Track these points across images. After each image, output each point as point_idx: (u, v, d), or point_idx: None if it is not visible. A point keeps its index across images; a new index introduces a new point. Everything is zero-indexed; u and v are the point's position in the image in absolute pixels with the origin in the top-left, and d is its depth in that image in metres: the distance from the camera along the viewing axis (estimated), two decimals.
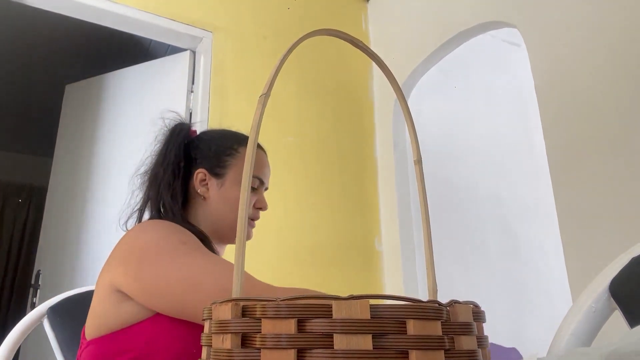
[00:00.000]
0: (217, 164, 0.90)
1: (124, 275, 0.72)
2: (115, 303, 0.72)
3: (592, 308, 0.57)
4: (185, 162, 0.91)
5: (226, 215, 0.88)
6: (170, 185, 0.87)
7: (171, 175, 0.88)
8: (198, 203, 0.89)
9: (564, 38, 1.69)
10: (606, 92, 1.53)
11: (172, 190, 0.87)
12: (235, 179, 0.89)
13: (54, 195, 2.47)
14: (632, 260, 0.57)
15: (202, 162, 0.90)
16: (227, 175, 0.89)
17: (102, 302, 0.74)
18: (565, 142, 1.63)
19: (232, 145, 0.92)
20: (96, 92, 2.47)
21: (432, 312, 0.32)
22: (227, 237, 0.90)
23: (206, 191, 0.89)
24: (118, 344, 0.71)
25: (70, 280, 2.15)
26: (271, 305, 0.32)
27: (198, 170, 0.89)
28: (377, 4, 2.76)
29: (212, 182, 0.89)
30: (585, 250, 1.49)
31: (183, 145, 0.92)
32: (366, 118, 2.58)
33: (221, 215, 0.88)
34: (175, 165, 0.89)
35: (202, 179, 0.89)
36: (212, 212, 0.88)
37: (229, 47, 2.26)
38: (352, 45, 0.51)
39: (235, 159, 0.90)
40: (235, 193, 0.88)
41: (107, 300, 0.73)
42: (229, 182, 0.89)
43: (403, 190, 2.39)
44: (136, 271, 0.71)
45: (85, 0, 1.97)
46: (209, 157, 0.91)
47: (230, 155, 0.91)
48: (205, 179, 0.89)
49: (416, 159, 0.51)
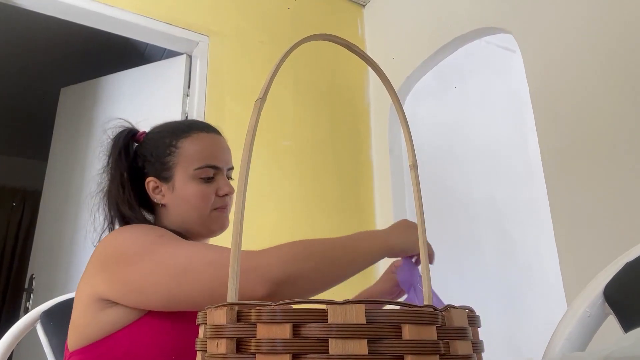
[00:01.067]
0: (161, 168, 0.85)
1: (106, 281, 0.70)
2: (95, 313, 0.71)
3: (586, 313, 0.57)
4: (134, 172, 0.87)
5: (189, 214, 0.84)
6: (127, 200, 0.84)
7: (121, 189, 0.84)
8: (161, 211, 0.86)
9: (558, 44, 1.70)
10: (600, 97, 1.54)
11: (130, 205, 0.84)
12: (184, 175, 0.84)
13: (48, 199, 2.45)
14: (626, 265, 0.58)
15: (149, 170, 0.86)
16: (175, 176, 0.84)
17: (82, 313, 0.73)
18: (560, 147, 1.64)
19: (170, 143, 0.86)
20: (91, 95, 2.46)
21: (427, 317, 0.32)
22: (199, 233, 0.86)
23: (162, 198, 0.85)
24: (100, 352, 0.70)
25: (64, 285, 2.14)
26: (266, 310, 0.32)
27: (147, 180, 0.85)
28: (373, 10, 2.77)
29: (164, 187, 0.85)
30: (580, 254, 1.49)
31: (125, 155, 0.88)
32: (362, 123, 2.59)
33: (184, 216, 0.84)
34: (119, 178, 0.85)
35: (155, 187, 0.85)
36: (175, 216, 0.85)
37: (226, 51, 2.26)
38: (348, 50, 0.51)
39: (176, 157, 0.85)
40: (189, 190, 0.83)
41: (87, 311, 0.72)
42: (179, 182, 0.84)
43: (399, 195, 2.40)
44: (117, 274, 0.69)
45: (81, 4, 1.97)
46: (152, 163, 0.86)
47: (171, 154, 0.85)
48: (158, 185, 0.85)
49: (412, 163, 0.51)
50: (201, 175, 0.84)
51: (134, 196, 0.85)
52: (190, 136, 0.86)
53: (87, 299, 0.72)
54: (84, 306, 0.73)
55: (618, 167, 1.46)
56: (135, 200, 0.85)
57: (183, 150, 0.85)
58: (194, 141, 0.86)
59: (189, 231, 0.85)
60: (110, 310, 0.71)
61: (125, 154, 0.88)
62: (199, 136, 0.87)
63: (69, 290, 0.99)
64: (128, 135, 0.90)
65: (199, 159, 0.84)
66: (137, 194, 0.86)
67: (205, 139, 0.87)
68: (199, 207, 0.83)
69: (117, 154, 0.87)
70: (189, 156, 0.85)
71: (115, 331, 0.70)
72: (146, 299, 0.68)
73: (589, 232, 1.49)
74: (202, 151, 0.85)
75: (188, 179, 0.84)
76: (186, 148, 0.85)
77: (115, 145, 0.88)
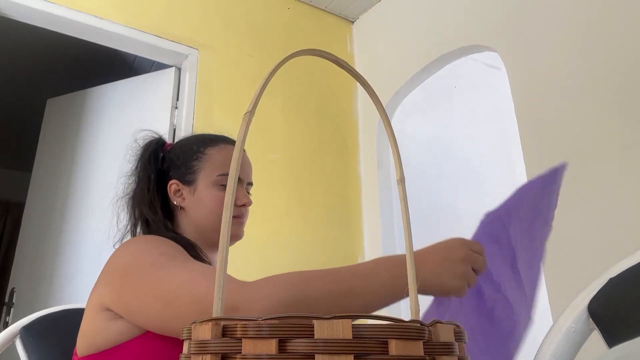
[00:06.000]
0: (186, 172, 0.89)
1: (109, 294, 0.72)
2: (104, 322, 0.72)
3: (571, 328, 0.57)
4: (160, 176, 0.90)
5: (207, 218, 0.86)
6: (150, 202, 0.87)
7: (146, 191, 0.87)
8: (180, 215, 0.89)
9: (542, 62, 1.74)
10: (584, 114, 1.57)
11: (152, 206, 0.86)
12: (206, 181, 0.87)
13: (32, 211, 2.41)
14: (609, 281, 0.58)
15: (173, 174, 0.90)
16: (198, 180, 0.88)
17: (91, 321, 0.73)
18: (545, 164, 1.65)
19: (198, 149, 0.91)
20: (78, 107, 2.44)
21: (414, 332, 0.32)
22: (214, 240, 0.87)
23: (182, 201, 0.88)
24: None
25: (46, 299, 2.09)
26: (252, 325, 0.32)
27: (170, 182, 0.89)
28: (362, 26, 2.81)
29: (186, 190, 0.88)
30: (565, 269, 1.51)
31: (154, 160, 0.91)
32: (350, 137, 2.60)
33: (202, 220, 0.86)
34: (146, 180, 0.89)
35: (176, 190, 0.89)
36: (193, 220, 0.87)
37: (215, 64, 2.27)
38: (337, 65, 0.52)
39: (202, 162, 0.89)
40: (209, 195, 0.86)
41: (96, 320, 0.72)
42: (201, 186, 0.87)
43: (386, 209, 2.40)
44: (119, 290, 0.70)
45: (70, 15, 1.96)
46: (178, 167, 0.90)
47: (197, 159, 0.89)
48: (179, 189, 0.88)
49: (399, 178, 0.51)
50: (223, 182, 0.86)
51: (157, 199, 0.88)
52: (218, 145, 0.91)
53: (96, 308, 0.73)
54: (93, 314, 0.73)
55: (602, 184, 1.48)
56: (157, 202, 0.87)
57: (209, 157, 0.89)
58: (220, 150, 0.90)
59: (205, 238, 0.86)
60: (118, 321, 0.71)
61: (154, 159, 0.92)
62: (225, 147, 0.91)
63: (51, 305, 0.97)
64: (159, 142, 0.94)
65: (223, 166, 0.88)
66: (160, 197, 0.89)
67: (231, 150, 0.90)
68: (216, 212, 0.85)
69: (146, 158, 0.91)
70: (214, 163, 0.88)
71: (122, 342, 0.70)
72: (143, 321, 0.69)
73: (574, 247, 1.50)
74: (227, 160, 0.89)
75: (210, 184, 0.87)
76: (212, 155, 0.89)
77: (145, 150, 0.92)
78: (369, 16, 2.76)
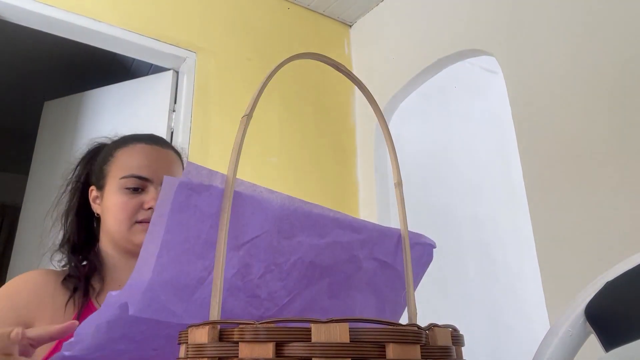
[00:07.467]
0: (100, 176, 0.83)
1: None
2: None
3: (568, 332, 0.57)
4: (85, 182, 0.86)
5: (111, 225, 0.80)
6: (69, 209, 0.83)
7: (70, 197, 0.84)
8: (100, 223, 0.84)
9: (539, 66, 1.74)
10: (581, 118, 1.58)
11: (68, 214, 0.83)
12: (112, 185, 0.80)
13: (28, 214, 2.40)
14: (606, 284, 0.58)
15: (92, 179, 0.85)
16: (106, 185, 0.81)
17: None
18: (542, 168, 1.67)
19: (108, 151, 0.84)
20: (75, 109, 2.44)
21: (411, 336, 0.32)
22: (124, 248, 0.81)
23: (98, 207, 0.83)
24: None
25: None
26: (249, 329, 0.32)
27: (90, 189, 0.84)
28: (359, 30, 2.82)
29: (100, 196, 0.83)
30: (562, 273, 1.51)
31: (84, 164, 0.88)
32: (348, 140, 2.61)
33: (110, 228, 0.80)
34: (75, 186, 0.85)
35: (95, 197, 0.84)
36: (104, 228, 0.82)
37: (213, 67, 2.27)
38: (335, 69, 0.52)
39: (111, 165, 0.82)
40: (112, 200, 0.79)
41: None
42: (107, 191, 0.81)
43: (384, 213, 2.40)
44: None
45: (68, 18, 1.96)
46: (95, 172, 0.85)
47: (107, 163, 0.83)
48: (97, 195, 0.83)
49: (396, 181, 0.51)
50: (126, 185, 0.79)
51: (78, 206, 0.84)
52: (127, 146, 0.84)
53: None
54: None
55: (599, 188, 1.49)
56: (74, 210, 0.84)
57: (116, 159, 0.83)
58: (128, 151, 0.83)
59: (117, 245, 0.81)
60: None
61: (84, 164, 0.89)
62: (135, 146, 0.84)
63: None
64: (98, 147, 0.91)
65: (125, 168, 0.81)
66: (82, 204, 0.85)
67: (140, 149, 0.83)
68: (118, 218, 0.79)
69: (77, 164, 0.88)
70: (119, 165, 0.82)
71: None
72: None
73: (571, 251, 1.51)
74: (131, 161, 0.81)
75: (115, 188, 0.80)
76: (119, 157, 0.83)
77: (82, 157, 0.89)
78: (367, 20, 2.77)
